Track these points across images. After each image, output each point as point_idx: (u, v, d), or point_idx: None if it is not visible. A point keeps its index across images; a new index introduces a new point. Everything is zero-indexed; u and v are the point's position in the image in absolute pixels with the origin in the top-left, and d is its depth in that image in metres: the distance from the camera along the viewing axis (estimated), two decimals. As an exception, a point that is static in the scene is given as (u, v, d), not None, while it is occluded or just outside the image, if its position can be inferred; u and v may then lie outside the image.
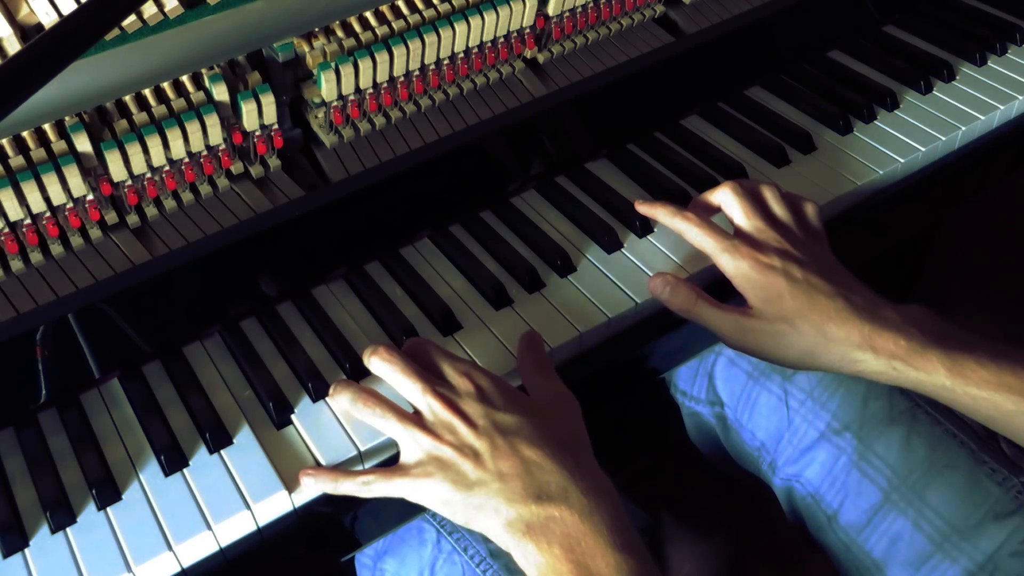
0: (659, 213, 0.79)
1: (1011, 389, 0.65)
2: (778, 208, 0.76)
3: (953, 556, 0.76)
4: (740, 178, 0.81)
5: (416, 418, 0.64)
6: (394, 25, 0.79)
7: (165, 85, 0.74)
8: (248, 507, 0.66)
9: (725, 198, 0.77)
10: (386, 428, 0.66)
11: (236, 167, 0.79)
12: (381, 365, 0.67)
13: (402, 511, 0.80)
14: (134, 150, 0.71)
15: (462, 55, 0.84)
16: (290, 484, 0.67)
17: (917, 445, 0.80)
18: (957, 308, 1.62)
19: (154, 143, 0.72)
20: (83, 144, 0.70)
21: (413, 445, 0.64)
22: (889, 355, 0.67)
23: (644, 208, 0.81)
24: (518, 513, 0.59)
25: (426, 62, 0.82)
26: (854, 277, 0.73)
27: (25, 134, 0.70)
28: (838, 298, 0.70)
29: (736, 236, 0.74)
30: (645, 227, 0.84)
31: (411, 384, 0.65)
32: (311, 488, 0.67)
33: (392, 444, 0.68)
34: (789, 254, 0.72)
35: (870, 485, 0.82)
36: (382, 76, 0.80)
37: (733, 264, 0.72)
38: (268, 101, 0.76)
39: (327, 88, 0.78)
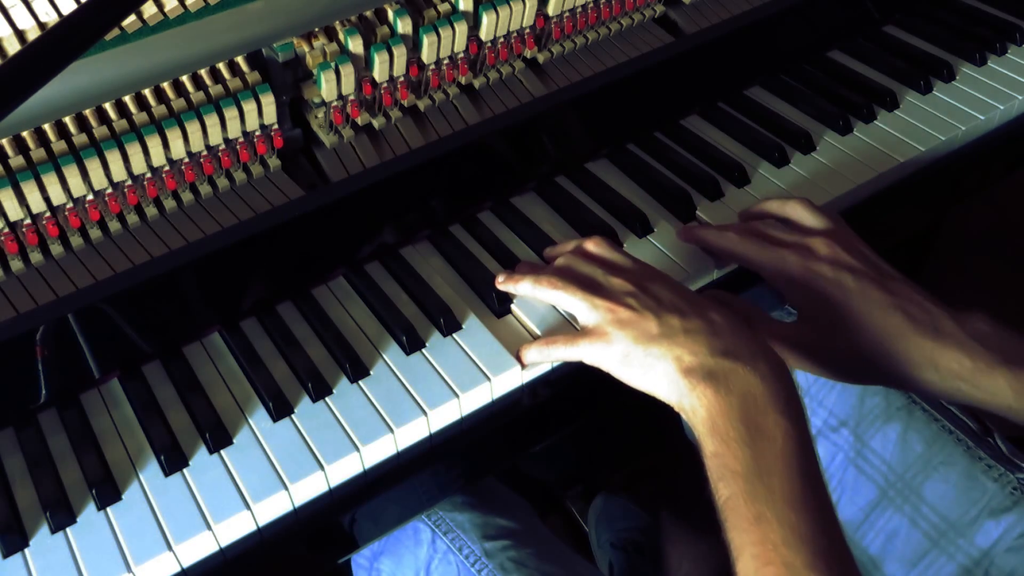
0: (703, 239, 0.78)
1: None
2: (814, 219, 0.73)
3: (949, 552, 0.77)
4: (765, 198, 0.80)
5: (594, 288, 0.67)
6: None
7: (165, 85, 0.74)
8: (248, 507, 0.66)
9: (770, 207, 0.75)
10: (565, 301, 0.68)
11: (236, 169, 0.79)
12: (570, 256, 0.71)
13: (401, 512, 0.80)
14: (134, 150, 0.71)
15: (462, 55, 0.84)
16: (290, 484, 0.67)
17: (913, 442, 0.80)
18: (956, 308, 1.62)
19: (154, 143, 0.72)
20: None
21: (591, 311, 0.66)
22: (953, 375, 0.64)
23: (688, 236, 0.80)
24: (701, 361, 0.60)
25: (426, 62, 0.82)
26: (909, 282, 0.69)
27: (25, 134, 0.70)
28: (896, 312, 0.65)
29: (782, 247, 0.70)
30: (645, 227, 0.84)
31: (591, 267, 0.68)
32: (532, 356, 0.71)
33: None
34: (840, 262, 0.68)
35: (867, 482, 0.82)
36: (382, 76, 0.80)
37: (783, 272, 0.69)
38: (268, 101, 0.76)
39: (327, 88, 0.78)
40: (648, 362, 0.62)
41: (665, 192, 0.87)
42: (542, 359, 0.71)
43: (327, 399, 0.72)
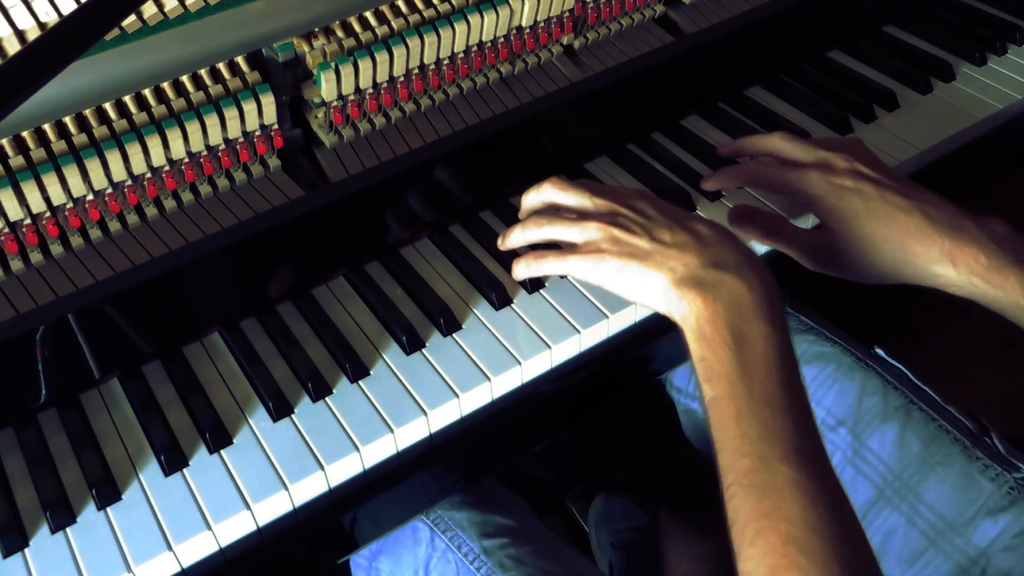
0: (721, 180, 0.82)
1: None
2: (829, 145, 0.76)
3: (947, 551, 0.77)
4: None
5: (583, 216, 0.69)
6: (394, 25, 0.79)
7: (165, 85, 0.74)
8: (248, 507, 0.66)
9: (777, 143, 0.78)
10: (556, 232, 0.71)
11: (235, 168, 0.79)
12: (551, 188, 0.73)
13: (401, 512, 0.80)
14: (134, 150, 0.71)
15: (462, 55, 0.84)
16: (290, 484, 0.67)
17: (911, 441, 0.81)
18: (956, 308, 1.62)
19: (154, 143, 0.72)
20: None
21: (583, 232, 0.68)
22: (969, 271, 0.68)
23: (711, 184, 0.84)
24: (692, 272, 0.63)
25: (426, 62, 0.82)
26: (928, 190, 0.72)
27: (25, 134, 0.70)
28: (915, 213, 0.69)
29: (803, 167, 0.74)
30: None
31: (579, 194, 0.71)
32: (521, 271, 0.74)
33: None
34: (860, 173, 0.72)
35: (864, 481, 0.82)
36: (382, 76, 0.80)
37: (807, 190, 0.73)
38: (268, 101, 0.76)
39: (327, 88, 0.78)
40: (642, 274, 0.65)
41: (665, 192, 0.87)
42: (531, 273, 0.74)
43: (327, 399, 0.72)
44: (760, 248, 0.83)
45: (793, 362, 0.61)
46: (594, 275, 0.68)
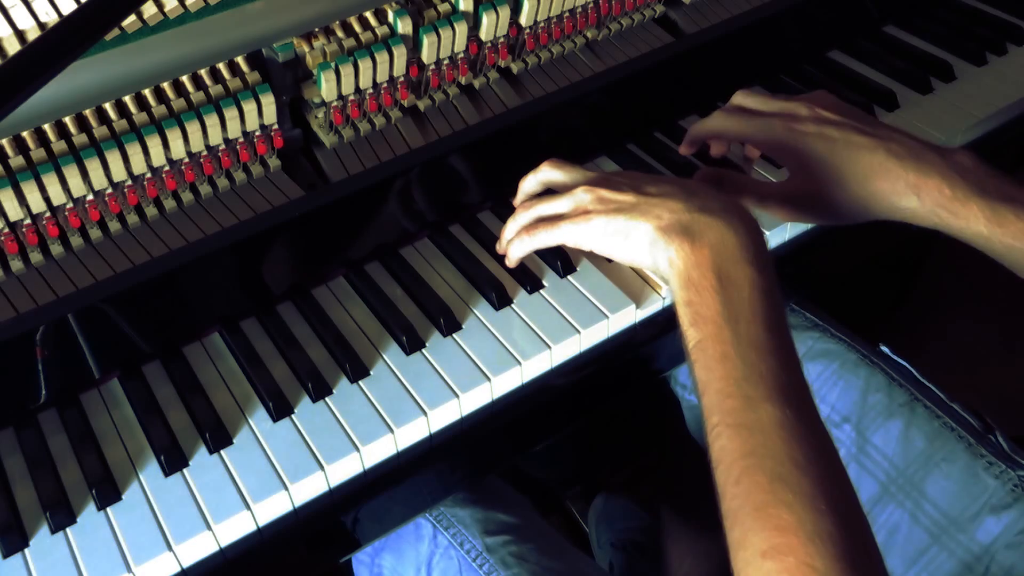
0: (691, 137, 0.82)
1: None
2: (794, 97, 0.77)
3: (950, 548, 0.77)
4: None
5: (571, 188, 0.70)
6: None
7: (165, 85, 0.74)
8: (248, 507, 0.66)
9: (741, 99, 0.79)
10: (546, 208, 0.71)
11: (236, 168, 0.79)
12: (547, 168, 0.74)
13: (401, 512, 0.80)
14: (134, 150, 0.71)
15: (462, 55, 0.84)
16: (290, 484, 0.67)
17: (915, 438, 0.81)
18: (957, 308, 1.62)
19: (154, 143, 0.72)
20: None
21: (570, 199, 0.69)
22: (933, 203, 0.69)
23: (685, 147, 0.84)
24: (678, 218, 0.64)
25: (426, 62, 0.82)
26: (893, 127, 0.73)
27: (25, 134, 0.70)
28: (879, 150, 0.70)
29: (767, 117, 0.76)
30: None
31: (573, 171, 0.72)
32: (515, 249, 0.73)
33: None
34: (822, 118, 0.73)
35: (868, 477, 0.82)
36: (382, 76, 0.80)
37: (771, 139, 0.74)
38: (268, 101, 0.76)
39: (327, 88, 0.78)
40: (629, 227, 0.65)
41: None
42: (525, 249, 0.73)
43: (327, 399, 0.72)
44: None
45: (779, 304, 0.61)
46: (584, 238, 0.68)
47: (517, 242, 0.73)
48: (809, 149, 0.72)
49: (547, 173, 0.74)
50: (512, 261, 0.74)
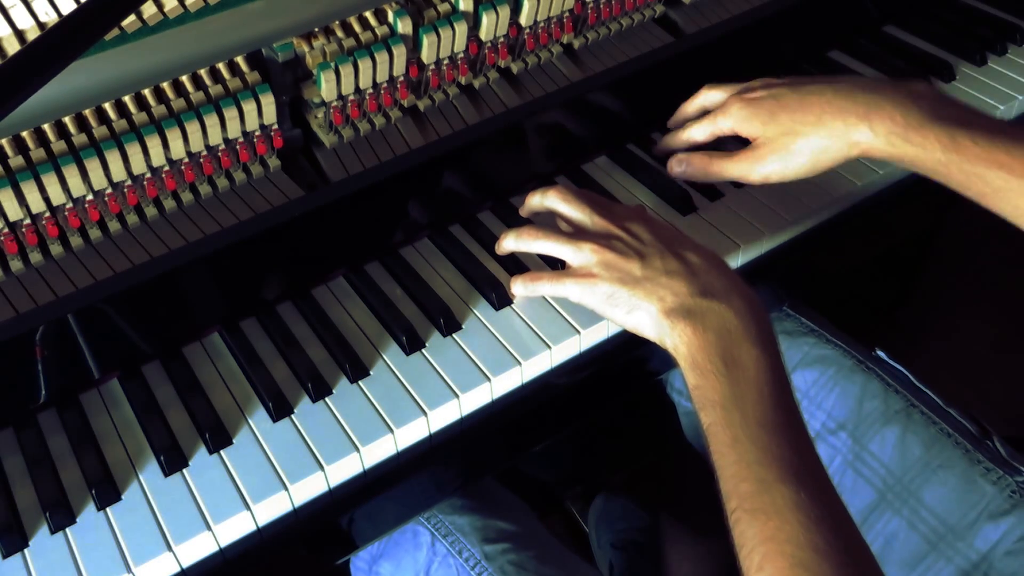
0: (668, 148, 0.87)
1: (1002, 166, 0.67)
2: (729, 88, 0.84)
3: (948, 555, 0.76)
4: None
5: (579, 233, 0.71)
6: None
7: (165, 85, 0.74)
8: (248, 507, 0.66)
9: (705, 94, 0.85)
10: (550, 248, 0.72)
11: (236, 168, 0.79)
12: (555, 197, 0.75)
13: (401, 512, 0.80)
14: (134, 150, 0.71)
15: (462, 55, 0.84)
16: (290, 484, 0.67)
17: (912, 445, 0.81)
18: (957, 308, 1.62)
19: (154, 143, 0.72)
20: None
21: (577, 254, 0.70)
22: (887, 131, 0.70)
23: (660, 148, 0.89)
24: (681, 302, 0.65)
25: (426, 62, 0.82)
26: (841, 75, 0.77)
27: (25, 134, 0.70)
28: (826, 91, 0.74)
29: (726, 104, 0.81)
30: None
31: (580, 208, 0.73)
32: (519, 290, 0.76)
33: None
34: (771, 84, 0.80)
35: (865, 485, 0.82)
36: (382, 76, 0.80)
37: (731, 117, 0.79)
38: (268, 101, 0.76)
39: (327, 88, 0.78)
40: (633, 303, 0.67)
41: (666, 191, 0.87)
42: (528, 293, 0.76)
43: (327, 399, 0.72)
44: (757, 251, 0.83)
45: (785, 382, 0.61)
46: (587, 299, 0.70)
47: (521, 285, 0.76)
48: (763, 110, 0.77)
49: (553, 201, 0.76)
50: (515, 298, 0.77)
